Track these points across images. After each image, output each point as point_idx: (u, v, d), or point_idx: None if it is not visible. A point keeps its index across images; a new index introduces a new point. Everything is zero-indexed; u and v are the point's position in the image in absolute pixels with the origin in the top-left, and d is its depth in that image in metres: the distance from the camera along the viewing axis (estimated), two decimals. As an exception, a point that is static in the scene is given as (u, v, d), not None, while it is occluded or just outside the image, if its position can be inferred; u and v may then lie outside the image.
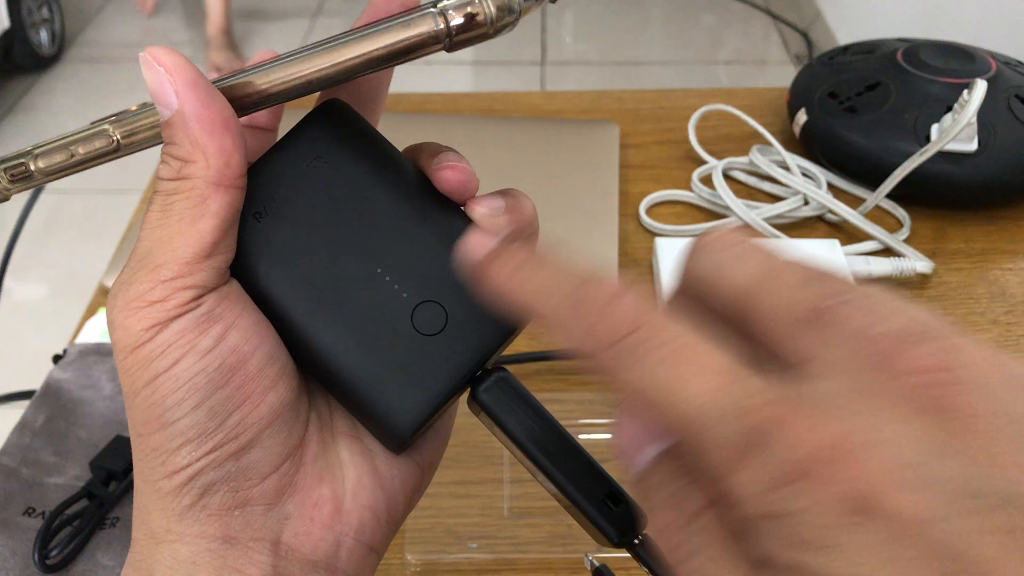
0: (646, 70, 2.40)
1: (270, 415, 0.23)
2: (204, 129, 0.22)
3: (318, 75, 0.23)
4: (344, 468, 0.25)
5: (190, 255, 0.22)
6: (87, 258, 1.71)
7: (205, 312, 0.23)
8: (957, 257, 0.61)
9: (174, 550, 0.23)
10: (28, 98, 2.26)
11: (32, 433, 0.47)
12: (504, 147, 0.69)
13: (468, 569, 0.43)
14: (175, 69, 0.23)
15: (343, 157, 0.25)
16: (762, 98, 0.76)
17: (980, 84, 0.56)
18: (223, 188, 0.23)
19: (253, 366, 0.23)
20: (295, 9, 2.65)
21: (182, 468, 0.23)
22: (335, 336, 0.24)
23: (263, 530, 0.24)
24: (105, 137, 0.24)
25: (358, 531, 0.25)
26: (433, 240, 0.25)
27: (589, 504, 0.24)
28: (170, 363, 0.22)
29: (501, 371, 0.25)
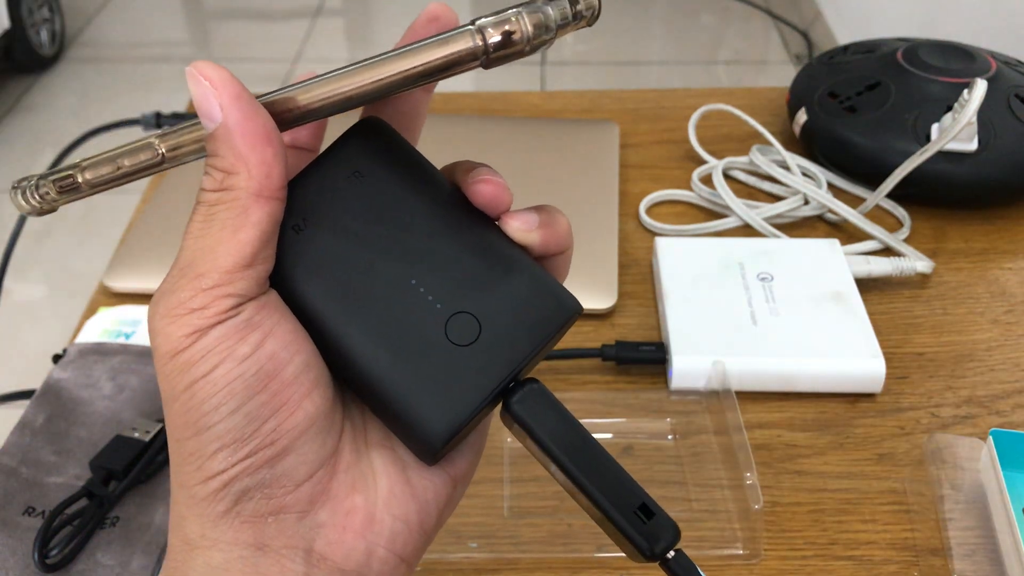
0: (646, 70, 2.40)
1: (306, 422, 0.24)
2: (247, 142, 0.23)
3: (358, 91, 0.23)
4: (377, 478, 0.25)
5: (231, 264, 0.23)
6: (87, 258, 1.71)
7: (244, 320, 0.23)
8: (957, 257, 0.61)
9: (208, 557, 0.23)
10: (28, 98, 2.25)
11: (32, 432, 0.47)
12: (504, 147, 0.69)
13: (468, 568, 0.43)
14: (220, 83, 0.23)
15: (380, 172, 0.26)
16: (762, 98, 0.76)
17: (980, 84, 0.56)
18: (264, 199, 0.23)
19: (290, 373, 0.23)
20: (295, 9, 2.65)
21: (217, 473, 0.23)
22: (370, 346, 0.24)
23: (296, 538, 0.24)
24: (151, 150, 0.25)
25: (390, 541, 0.25)
26: (467, 253, 0.25)
27: (622, 517, 0.24)
28: (208, 368, 0.22)
29: (534, 383, 0.25)
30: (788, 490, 0.46)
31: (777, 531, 0.45)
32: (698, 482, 0.46)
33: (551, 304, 0.25)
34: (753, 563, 0.43)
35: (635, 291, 0.58)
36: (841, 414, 0.50)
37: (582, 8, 0.23)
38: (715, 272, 0.55)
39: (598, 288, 0.57)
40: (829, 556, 0.43)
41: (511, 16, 0.22)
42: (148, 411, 0.49)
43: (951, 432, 0.49)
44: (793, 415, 0.50)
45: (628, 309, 0.57)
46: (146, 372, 0.51)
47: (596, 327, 0.56)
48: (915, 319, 0.56)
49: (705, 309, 0.53)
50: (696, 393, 0.50)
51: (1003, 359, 0.53)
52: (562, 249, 0.27)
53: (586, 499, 0.25)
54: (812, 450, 0.48)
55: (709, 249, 0.57)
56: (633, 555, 0.25)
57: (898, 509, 0.45)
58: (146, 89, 2.30)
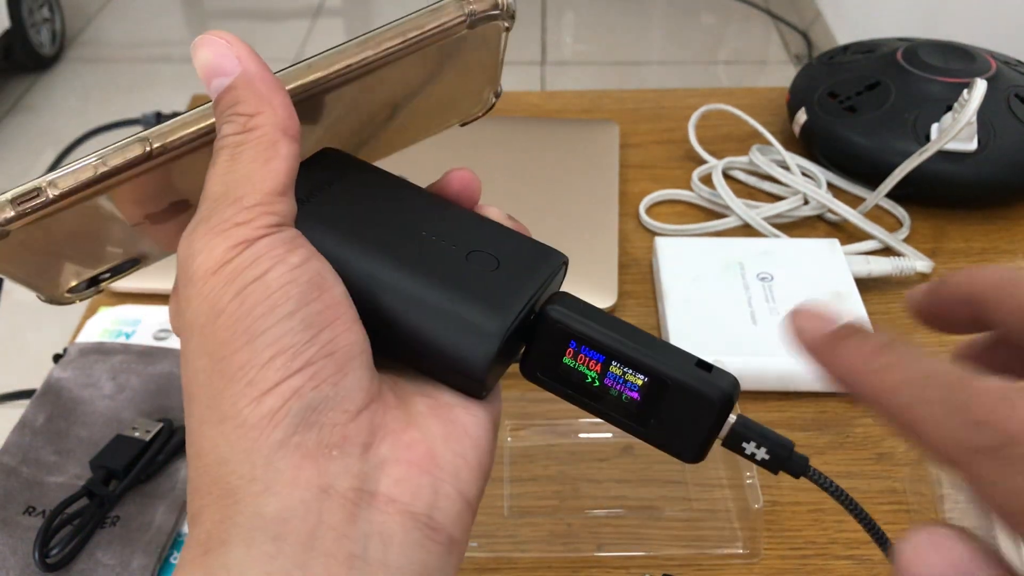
0: (646, 70, 2.40)
1: (359, 344, 0.22)
2: (268, 84, 0.23)
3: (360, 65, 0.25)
4: (427, 420, 0.23)
5: (269, 187, 0.22)
6: (87, 258, 1.70)
7: (290, 236, 0.22)
8: (957, 256, 0.61)
9: (258, 506, 0.20)
10: (28, 98, 2.26)
11: (32, 432, 0.47)
12: (504, 147, 0.69)
13: (468, 568, 0.43)
14: (234, 40, 0.24)
15: (356, 177, 0.27)
16: (762, 98, 0.76)
17: (980, 84, 0.56)
18: (289, 137, 0.23)
19: (338, 293, 0.22)
20: (295, 9, 2.65)
21: (275, 384, 0.20)
22: (399, 288, 0.24)
23: (361, 478, 0.21)
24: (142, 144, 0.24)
25: (454, 476, 0.22)
26: (462, 220, 0.27)
27: (686, 375, 0.24)
28: (261, 272, 0.21)
29: (560, 294, 0.26)
30: (788, 489, 0.46)
31: (777, 530, 0.45)
32: (698, 482, 0.46)
33: (547, 250, 0.27)
34: (753, 562, 0.43)
35: (635, 291, 0.58)
36: (841, 414, 0.50)
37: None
38: (715, 272, 0.55)
39: (598, 288, 0.57)
40: (829, 555, 0.43)
41: None
42: (148, 411, 0.49)
43: None
44: (793, 415, 0.50)
45: (628, 309, 0.57)
46: (146, 372, 0.51)
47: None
48: (915, 319, 0.56)
49: (705, 309, 0.53)
50: (696, 393, 0.50)
51: (1003, 359, 0.53)
52: None
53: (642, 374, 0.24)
54: (812, 449, 0.48)
55: (709, 249, 0.57)
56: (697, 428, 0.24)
57: (898, 509, 0.45)
58: (146, 89, 2.30)
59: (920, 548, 0.17)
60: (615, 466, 0.47)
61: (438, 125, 0.31)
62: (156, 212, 0.27)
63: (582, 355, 0.25)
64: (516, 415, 0.49)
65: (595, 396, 0.25)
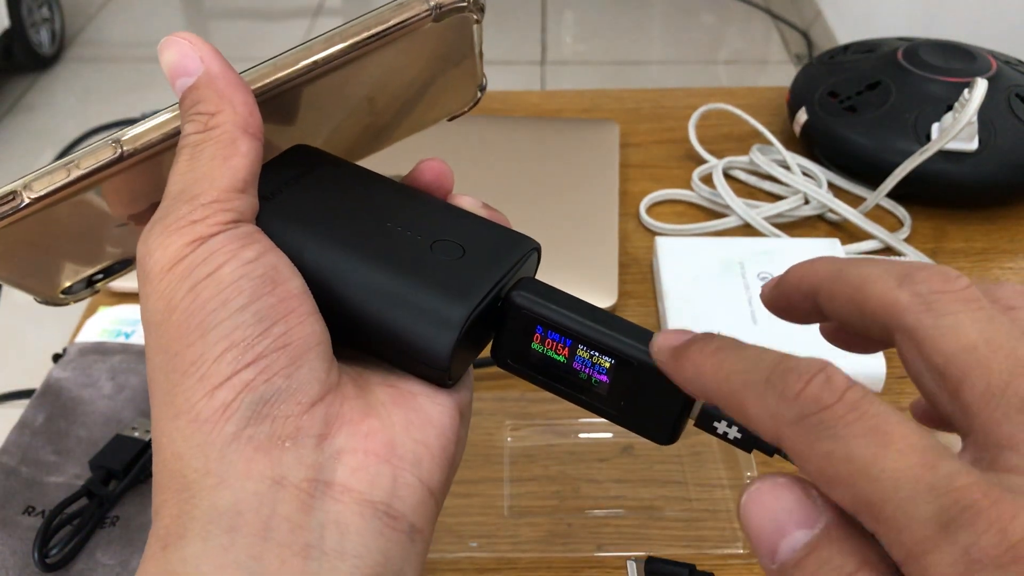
0: (646, 70, 2.40)
1: (313, 336, 0.22)
2: (230, 84, 0.24)
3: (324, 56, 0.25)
4: (388, 409, 0.23)
5: (226, 184, 0.23)
6: (87, 258, 1.70)
7: (245, 232, 0.22)
8: (957, 256, 0.61)
9: (213, 499, 0.20)
10: (28, 98, 2.25)
11: (32, 432, 0.47)
12: (504, 147, 0.68)
13: (468, 568, 0.43)
14: (197, 41, 0.24)
15: (327, 171, 0.27)
16: (762, 97, 0.76)
17: (981, 83, 0.56)
18: (250, 135, 0.24)
19: (294, 287, 0.22)
20: (295, 9, 2.65)
21: (226, 379, 0.21)
22: (364, 272, 0.24)
23: (316, 468, 0.21)
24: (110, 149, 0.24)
25: (414, 466, 0.22)
26: (432, 209, 0.26)
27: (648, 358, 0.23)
28: (213, 268, 0.21)
29: (525, 279, 0.26)
30: (788, 490, 0.46)
31: (777, 531, 0.44)
32: (698, 481, 0.46)
33: (516, 236, 0.26)
34: (753, 562, 0.43)
35: (635, 290, 0.58)
36: (841, 414, 0.50)
37: None
38: (715, 271, 0.55)
39: (598, 287, 0.57)
40: (829, 556, 0.43)
41: None
42: (148, 411, 0.49)
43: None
44: (793, 415, 0.50)
45: (628, 308, 0.57)
46: (146, 371, 0.51)
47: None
48: (915, 319, 0.56)
49: (705, 308, 0.53)
50: (696, 393, 0.50)
51: (1003, 359, 0.53)
52: None
53: (609, 356, 0.24)
54: (812, 450, 0.48)
55: (709, 249, 0.57)
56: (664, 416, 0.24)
57: (898, 509, 0.45)
58: (146, 89, 2.30)
59: (757, 494, 0.18)
60: (615, 466, 0.47)
61: (423, 121, 0.31)
62: (140, 212, 0.27)
63: (549, 340, 0.25)
64: (516, 415, 0.49)
65: (566, 381, 0.25)
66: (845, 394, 0.17)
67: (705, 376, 0.20)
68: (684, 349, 0.21)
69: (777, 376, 0.18)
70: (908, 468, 0.16)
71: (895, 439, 0.17)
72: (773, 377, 0.18)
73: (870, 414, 0.17)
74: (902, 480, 0.16)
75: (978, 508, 0.15)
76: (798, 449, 0.18)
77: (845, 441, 0.17)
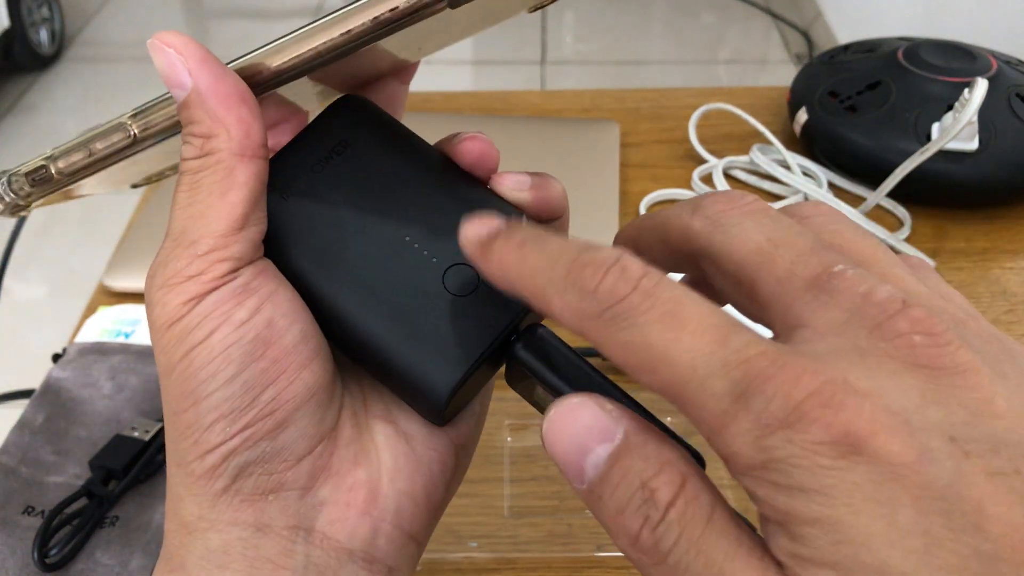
0: (646, 69, 2.40)
1: (305, 393, 0.23)
2: (221, 102, 0.23)
3: (327, 47, 0.23)
4: (380, 452, 0.24)
5: (224, 228, 0.22)
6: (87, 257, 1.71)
7: (241, 284, 0.22)
8: (958, 256, 0.61)
9: (206, 540, 0.22)
10: (28, 97, 2.25)
11: (32, 432, 0.47)
12: (504, 146, 0.68)
13: (468, 568, 0.43)
14: (185, 49, 0.23)
15: (366, 141, 0.26)
16: (763, 97, 0.76)
17: (981, 83, 0.56)
18: (247, 158, 0.23)
19: (288, 341, 0.23)
20: (295, 9, 2.65)
21: (216, 446, 0.22)
22: (368, 304, 0.24)
23: (297, 517, 0.23)
24: (123, 131, 0.24)
25: (396, 516, 0.24)
26: (459, 209, 0.25)
27: None
28: (205, 334, 0.22)
29: (538, 327, 0.24)
30: (789, 490, 0.46)
31: (778, 531, 0.44)
32: (698, 482, 0.46)
33: None
34: (754, 563, 0.43)
35: (635, 290, 0.58)
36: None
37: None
38: (715, 271, 0.55)
39: (598, 287, 0.57)
40: (830, 556, 0.43)
41: None
42: (148, 410, 0.49)
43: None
44: (794, 415, 0.50)
45: (628, 308, 0.57)
46: (146, 372, 0.51)
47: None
48: (916, 318, 0.56)
49: (705, 308, 0.53)
50: (696, 393, 0.50)
51: (1004, 359, 0.53)
52: (556, 214, 0.27)
53: None
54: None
55: (709, 248, 0.57)
56: None
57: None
58: (146, 88, 2.29)
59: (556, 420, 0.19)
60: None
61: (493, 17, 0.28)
62: None
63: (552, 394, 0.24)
64: (516, 415, 0.49)
65: None
66: (640, 282, 0.18)
67: (510, 273, 0.20)
68: (490, 243, 0.21)
69: (576, 271, 0.18)
70: (702, 347, 0.17)
71: (688, 321, 0.17)
72: (572, 272, 0.18)
73: (663, 299, 0.17)
74: (697, 359, 0.17)
75: (766, 375, 0.16)
76: (602, 342, 0.18)
77: (641, 329, 0.17)
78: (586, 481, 0.18)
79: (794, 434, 0.15)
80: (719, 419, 0.16)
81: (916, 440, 0.15)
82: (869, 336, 0.17)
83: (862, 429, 0.15)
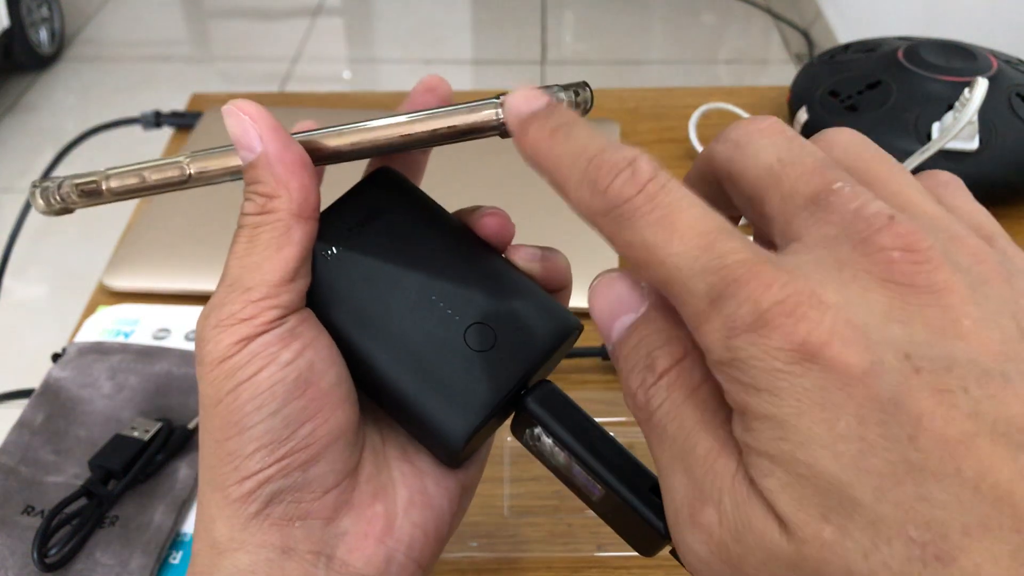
0: (646, 69, 2.40)
1: (337, 432, 0.25)
2: (286, 168, 0.25)
3: (386, 143, 0.25)
4: (396, 488, 0.27)
5: (277, 278, 0.25)
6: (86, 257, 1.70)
7: (288, 329, 0.25)
8: (958, 256, 0.61)
9: (235, 559, 0.24)
10: (28, 97, 2.25)
11: (31, 432, 0.47)
12: (504, 146, 0.68)
13: (468, 568, 0.43)
14: (258, 117, 0.25)
15: (397, 211, 0.28)
16: (763, 97, 0.76)
17: (981, 82, 0.56)
18: (304, 219, 0.25)
19: (326, 383, 0.25)
20: (295, 8, 2.65)
21: (253, 473, 0.24)
22: (395, 355, 0.26)
23: (320, 543, 0.25)
24: (178, 169, 0.26)
25: (408, 547, 0.26)
26: (481, 275, 0.28)
27: (636, 497, 0.25)
28: (254, 371, 0.24)
29: (547, 383, 0.27)
30: (789, 489, 0.46)
31: (778, 531, 0.44)
32: (699, 481, 0.46)
33: (557, 319, 0.28)
34: (754, 563, 0.43)
35: (635, 290, 0.58)
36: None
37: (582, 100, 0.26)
38: (716, 271, 0.55)
39: (598, 287, 0.57)
40: (830, 556, 0.43)
41: None
42: (147, 410, 0.49)
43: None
44: (794, 414, 0.50)
45: (628, 308, 0.57)
46: (145, 371, 0.51)
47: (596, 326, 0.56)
48: (916, 318, 0.56)
49: (706, 308, 0.53)
50: (697, 392, 0.50)
51: (1004, 358, 0.53)
52: (561, 285, 0.29)
53: (599, 485, 0.25)
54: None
55: (710, 248, 0.57)
56: (646, 541, 0.25)
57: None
58: (146, 88, 2.30)
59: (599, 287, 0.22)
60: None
61: None
62: None
63: (556, 446, 0.26)
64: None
65: (566, 480, 0.27)
66: (646, 186, 0.19)
67: (539, 156, 0.21)
68: (529, 123, 0.22)
69: (593, 169, 0.20)
70: (688, 251, 0.18)
71: (680, 225, 0.18)
72: (590, 170, 0.20)
73: (663, 204, 0.19)
74: (683, 262, 0.18)
75: (740, 282, 0.17)
76: (608, 236, 0.20)
77: (640, 230, 0.19)
78: (612, 341, 0.22)
79: (757, 338, 0.17)
80: (697, 317, 0.18)
81: (870, 354, 0.16)
82: (852, 250, 0.18)
83: (819, 339, 0.16)
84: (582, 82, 0.26)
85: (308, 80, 2.31)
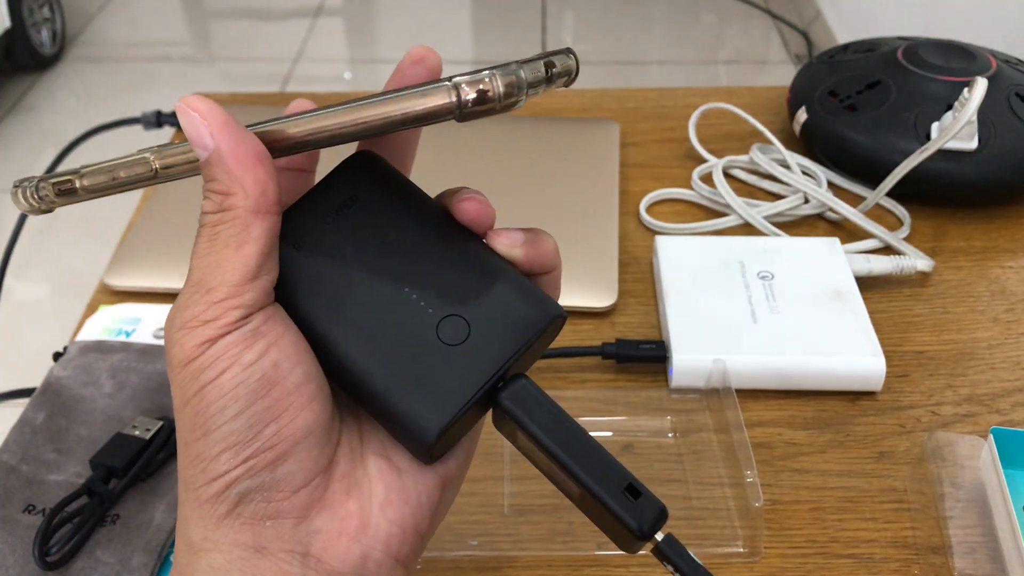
0: (646, 69, 2.40)
1: (304, 430, 0.25)
2: (239, 164, 0.25)
3: (340, 132, 0.25)
4: (372, 484, 0.26)
5: (238, 278, 0.25)
6: (87, 256, 1.71)
7: (251, 329, 0.25)
8: (957, 255, 0.61)
9: (210, 559, 0.25)
10: (29, 97, 2.26)
11: (32, 430, 0.47)
12: (504, 146, 0.69)
13: (468, 566, 0.43)
14: (208, 114, 0.25)
15: (374, 197, 0.28)
16: (762, 97, 0.76)
17: (980, 82, 0.56)
18: (262, 215, 0.25)
19: (291, 382, 0.25)
20: (295, 9, 2.65)
21: (221, 475, 0.24)
22: (367, 351, 0.26)
23: (292, 542, 0.25)
24: (145, 165, 0.26)
25: (385, 544, 0.26)
26: (457, 264, 0.27)
27: (610, 497, 0.25)
28: (216, 374, 0.24)
29: (522, 378, 0.26)
30: (788, 488, 0.46)
31: (777, 529, 0.45)
32: (698, 480, 0.46)
33: (536, 308, 0.27)
34: (753, 561, 0.43)
35: (635, 289, 0.58)
36: (841, 412, 0.50)
37: (559, 70, 0.25)
38: (715, 270, 0.55)
39: (598, 286, 0.57)
40: (829, 554, 0.43)
41: (485, 76, 0.23)
42: (148, 409, 0.49)
43: (951, 430, 0.49)
44: (793, 413, 0.50)
45: (628, 307, 0.57)
46: (146, 370, 0.51)
47: (596, 325, 0.56)
48: (915, 317, 0.56)
49: (705, 307, 0.53)
50: (696, 391, 0.50)
51: (1003, 357, 0.53)
52: (548, 268, 0.28)
53: (575, 484, 0.25)
54: (812, 448, 0.48)
55: (709, 247, 0.57)
56: (624, 539, 0.25)
57: (898, 507, 0.45)
58: (147, 88, 2.30)
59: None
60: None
61: None
62: None
63: (532, 442, 0.26)
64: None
65: (548, 476, 0.27)
66: None
67: None
68: None
69: None
70: None
71: None
72: None
73: None
74: None
75: None
76: None
77: None
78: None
79: None
80: None
81: None
82: None
83: None
84: (565, 48, 0.26)
85: (309, 80, 2.31)
